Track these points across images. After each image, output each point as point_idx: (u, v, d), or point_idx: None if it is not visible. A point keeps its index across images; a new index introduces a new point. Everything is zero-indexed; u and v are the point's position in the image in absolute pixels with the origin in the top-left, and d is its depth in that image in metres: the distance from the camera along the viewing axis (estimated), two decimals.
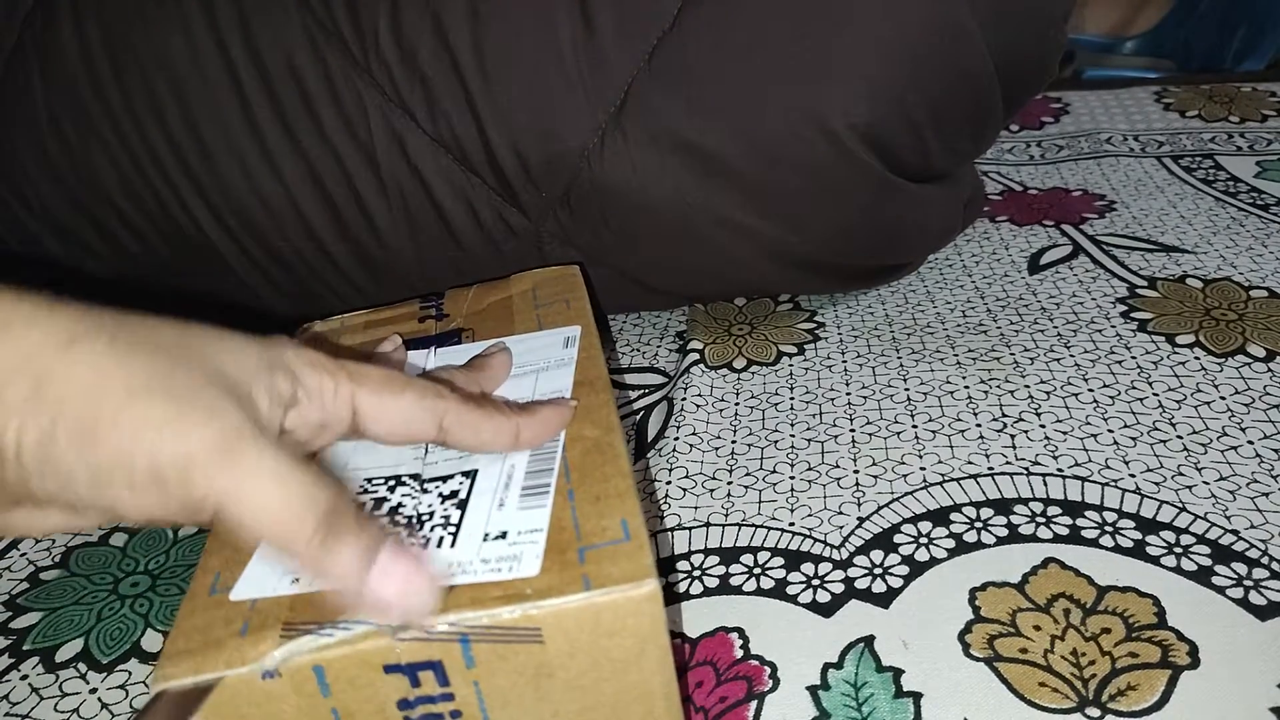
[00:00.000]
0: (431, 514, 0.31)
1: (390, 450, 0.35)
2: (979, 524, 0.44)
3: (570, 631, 0.27)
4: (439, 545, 0.29)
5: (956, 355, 0.57)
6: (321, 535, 0.25)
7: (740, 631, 0.40)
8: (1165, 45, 1.06)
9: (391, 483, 0.33)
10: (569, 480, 0.32)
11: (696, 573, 0.44)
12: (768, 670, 0.38)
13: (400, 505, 0.32)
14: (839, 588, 0.42)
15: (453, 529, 0.30)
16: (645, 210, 0.52)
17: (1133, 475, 0.46)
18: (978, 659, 0.37)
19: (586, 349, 0.40)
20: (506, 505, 0.31)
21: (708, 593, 0.42)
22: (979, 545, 0.43)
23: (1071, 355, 0.55)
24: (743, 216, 0.52)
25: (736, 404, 0.55)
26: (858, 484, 0.48)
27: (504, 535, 0.29)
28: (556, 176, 0.52)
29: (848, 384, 0.56)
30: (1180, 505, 0.43)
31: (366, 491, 0.33)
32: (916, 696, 0.36)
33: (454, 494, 0.32)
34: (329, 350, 0.37)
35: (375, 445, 0.35)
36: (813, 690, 0.37)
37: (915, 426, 0.51)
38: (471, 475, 0.33)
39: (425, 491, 0.32)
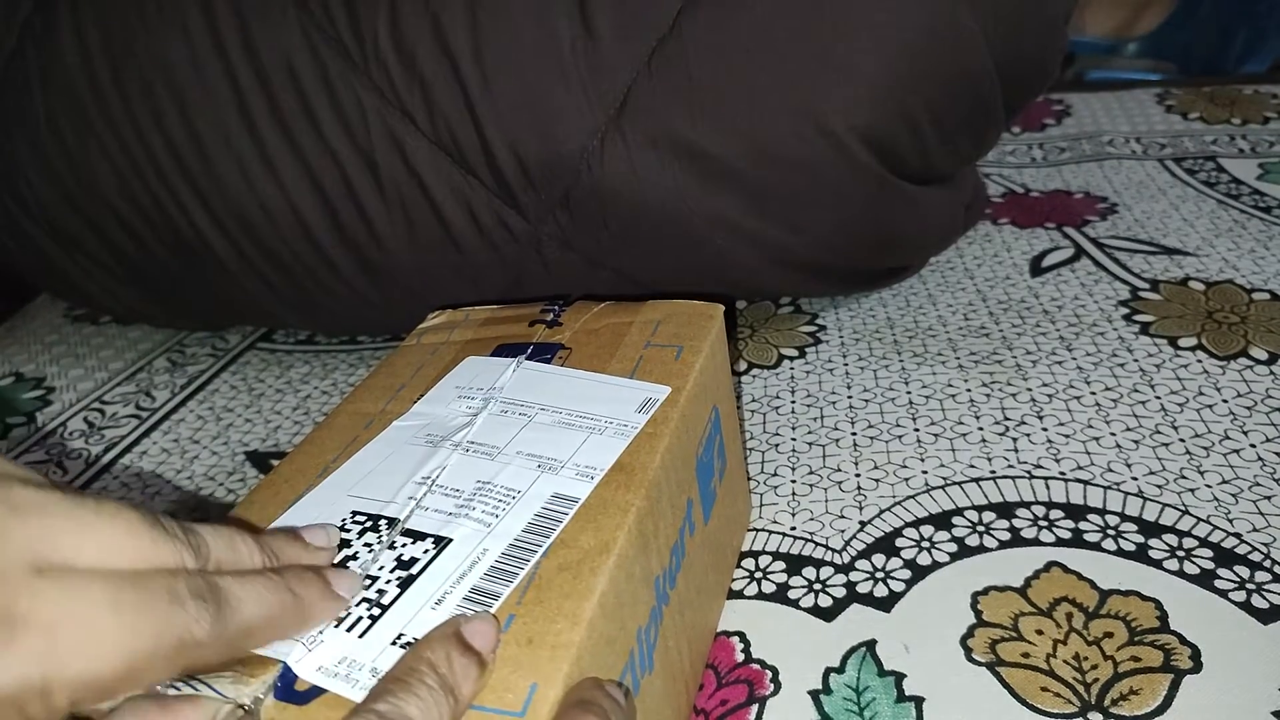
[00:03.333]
0: (374, 580, 0.28)
1: (391, 481, 0.33)
2: (981, 528, 0.44)
3: None
4: (349, 629, 0.27)
5: (958, 358, 0.57)
6: None
7: (741, 635, 0.40)
8: (1167, 47, 1.06)
9: (369, 524, 0.31)
10: (521, 600, 0.27)
11: None
12: (769, 674, 0.38)
13: (355, 556, 0.29)
14: (840, 592, 0.41)
15: (377, 611, 0.27)
16: (645, 212, 0.52)
17: (1135, 478, 0.45)
18: (980, 663, 0.37)
19: (660, 421, 0.34)
20: (443, 605, 0.27)
21: None
22: (981, 549, 0.43)
23: (1074, 358, 0.55)
24: (743, 218, 0.52)
25: (737, 407, 0.55)
26: (859, 488, 0.48)
27: (412, 645, 0.26)
28: (556, 179, 0.52)
29: (849, 387, 0.56)
30: (1183, 508, 0.43)
31: (345, 528, 0.31)
32: (918, 701, 0.36)
33: (411, 562, 0.29)
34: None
35: (380, 473, 0.34)
36: (814, 695, 0.37)
37: (917, 430, 0.51)
38: (443, 545, 0.29)
39: (391, 546, 0.30)
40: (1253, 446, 0.46)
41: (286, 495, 0.33)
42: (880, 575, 0.42)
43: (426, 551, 0.29)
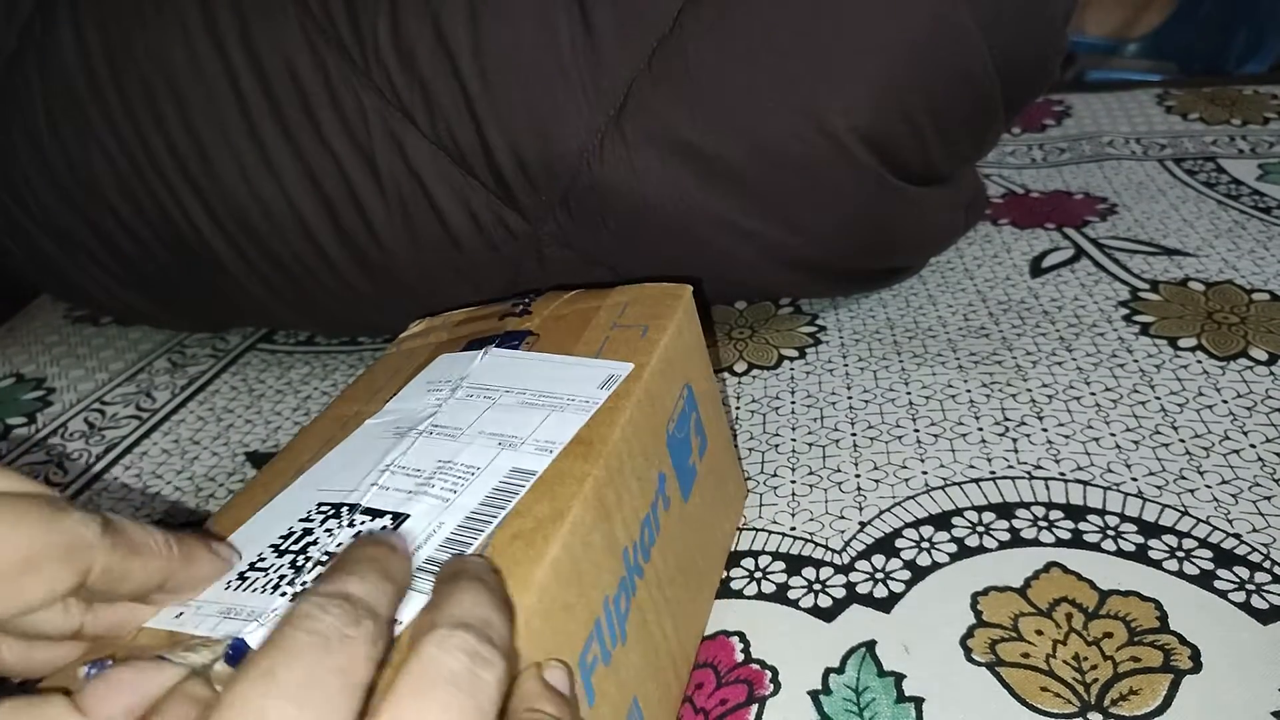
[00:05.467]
0: (332, 557, 0.28)
1: (358, 472, 0.33)
2: (981, 528, 0.44)
3: None
4: None
5: (958, 359, 0.57)
6: None
7: (741, 635, 0.40)
8: (1167, 48, 1.06)
9: (330, 512, 0.31)
10: None
11: None
12: (769, 674, 0.38)
13: (316, 542, 0.30)
14: (840, 592, 0.41)
15: None
16: (645, 212, 0.52)
17: (1135, 479, 0.45)
18: (980, 664, 0.37)
19: (621, 395, 0.34)
20: None
21: None
22: (981, 550, 0.43)
23: (1074, 358, 0.55)
24: (743, 218, 0.52)
25: (737, 408, 0.55)
26: (859, 488, 0.48)
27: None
28: (555, 179, 0.52)
29: (849, 388, 0.56)
30: (1182, 509, 0.43)
31: (310, 518, 0.31)
32: (918, 701, 0.36)
33: None
34: None
35: (349, 467, 0.34)
36: (814, 695, 0.37)
37: (917, 430, 0.51)
38: (400, 521, 0.30)
39: (350, 526, 0.30)
40: (1253, 447, 0.46)
41: (262, 499, 0.33)
42: (880, 576, 0.42)
43: (384, 527, 0.30)
